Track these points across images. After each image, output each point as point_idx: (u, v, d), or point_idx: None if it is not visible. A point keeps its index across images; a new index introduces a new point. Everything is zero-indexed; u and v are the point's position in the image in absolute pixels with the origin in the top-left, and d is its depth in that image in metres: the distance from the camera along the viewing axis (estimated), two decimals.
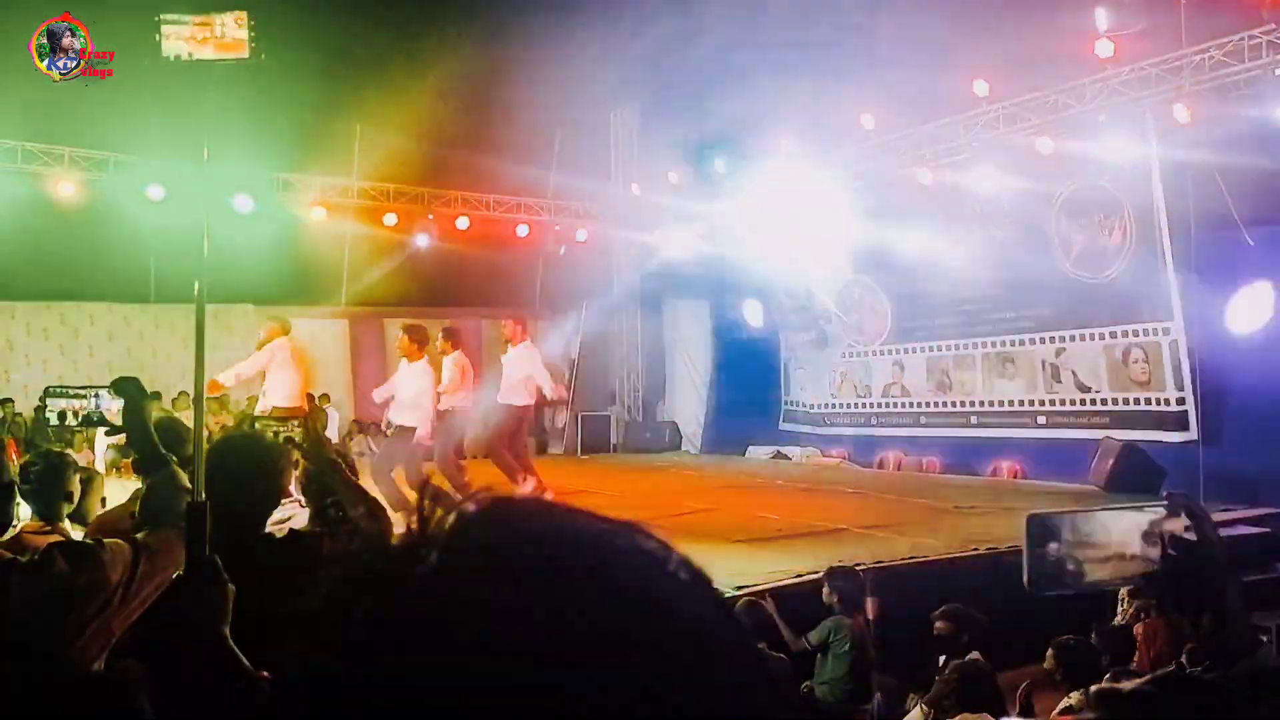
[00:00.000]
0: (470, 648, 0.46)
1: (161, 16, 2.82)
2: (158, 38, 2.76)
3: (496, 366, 10.23)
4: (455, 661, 0.45)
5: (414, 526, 0.54)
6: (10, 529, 2.58)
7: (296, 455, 3.08)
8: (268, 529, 2.86)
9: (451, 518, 0.54)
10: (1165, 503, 1.58)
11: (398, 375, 9.20)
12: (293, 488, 3.40)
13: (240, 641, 1.94)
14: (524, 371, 9.72)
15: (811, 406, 15.90)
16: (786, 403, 16.50)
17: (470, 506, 0.55)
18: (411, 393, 8.87)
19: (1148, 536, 1.51)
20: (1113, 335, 11.81)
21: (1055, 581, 1.49)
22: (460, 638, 0.46)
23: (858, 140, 13.65)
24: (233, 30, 2.87)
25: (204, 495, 2.24)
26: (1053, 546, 1.49)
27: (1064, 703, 4.51)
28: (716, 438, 16.61)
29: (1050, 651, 4.85)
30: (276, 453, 2.87)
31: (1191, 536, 1.52)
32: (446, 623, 0.47)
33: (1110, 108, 11.08)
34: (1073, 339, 12.29)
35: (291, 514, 3.87)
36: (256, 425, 3.18)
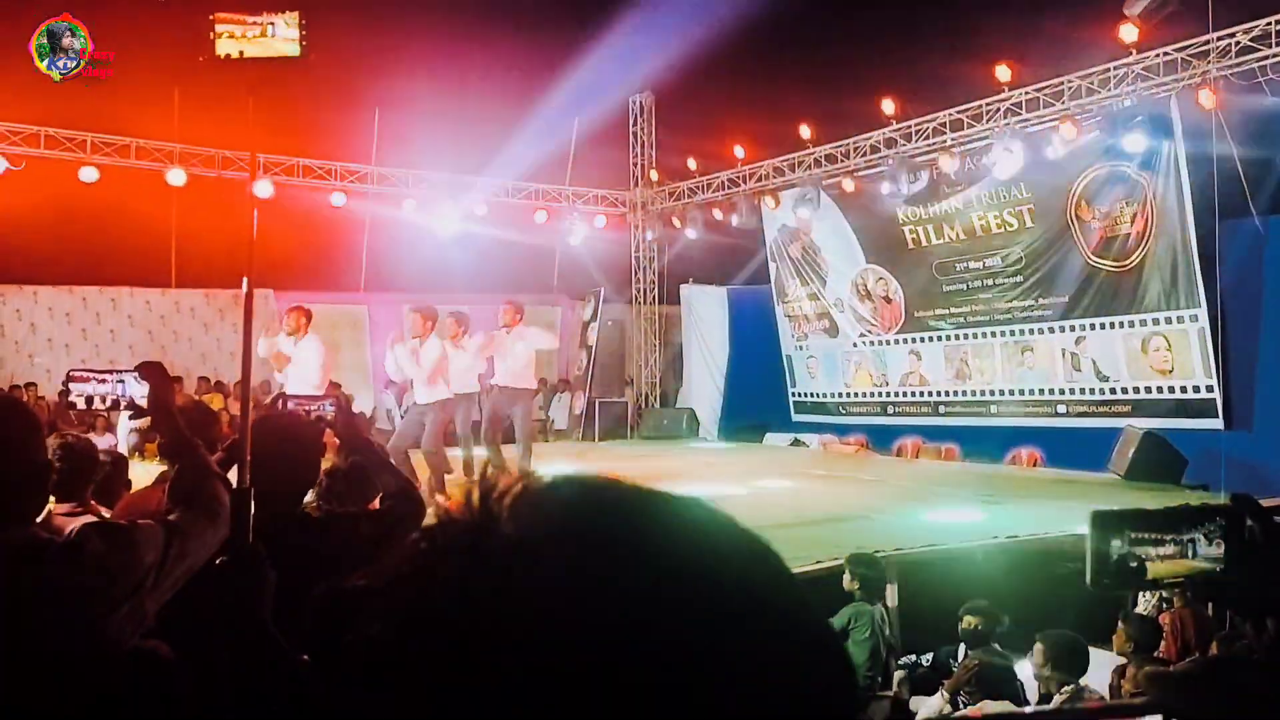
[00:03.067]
0: (554, 617, 0.46)
1: (216, 15, 2.84)
2: (213, 36, 2.77)
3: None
4: (541, 630, 0.46)
5: (476, 500, 0.55)
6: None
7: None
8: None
9: (517, 491, 0.54)
10: (1229, 502, 1.57)
11: (419, 353, 9.24)
12: None
13: (277, 621, 1.95)
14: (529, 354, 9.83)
15: (825, 396, 15.84)
16: (794, 395, 16.43)
17: (536, 480, 0.55)
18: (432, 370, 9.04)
19: (1210, 535, 1.50)
20: (1132, 324, 11.72)
21: (1118, 578, 1.47)
22: (543, 607, 0.47)
23: (877, 125, 13.57)
24: (283, 29, 2.89)
25: (247, 480, 2.26)
26: (1115, 543, 1.48)
27: (1057, 699, 4.45)
28: (733, 425, 16.59)
29: (1039, 646, 4.73)
30: (315, 432, 2.89)
31: (1256, 537, 1.51)
32: (529, 592, 0.47)
33: (1134, 93, 10.98)
34: (1092, 328, 12.20)
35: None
36: (289, 406, 3.18)
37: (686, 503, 0.55)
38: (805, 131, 14.51)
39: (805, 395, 16.23)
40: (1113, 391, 12.05)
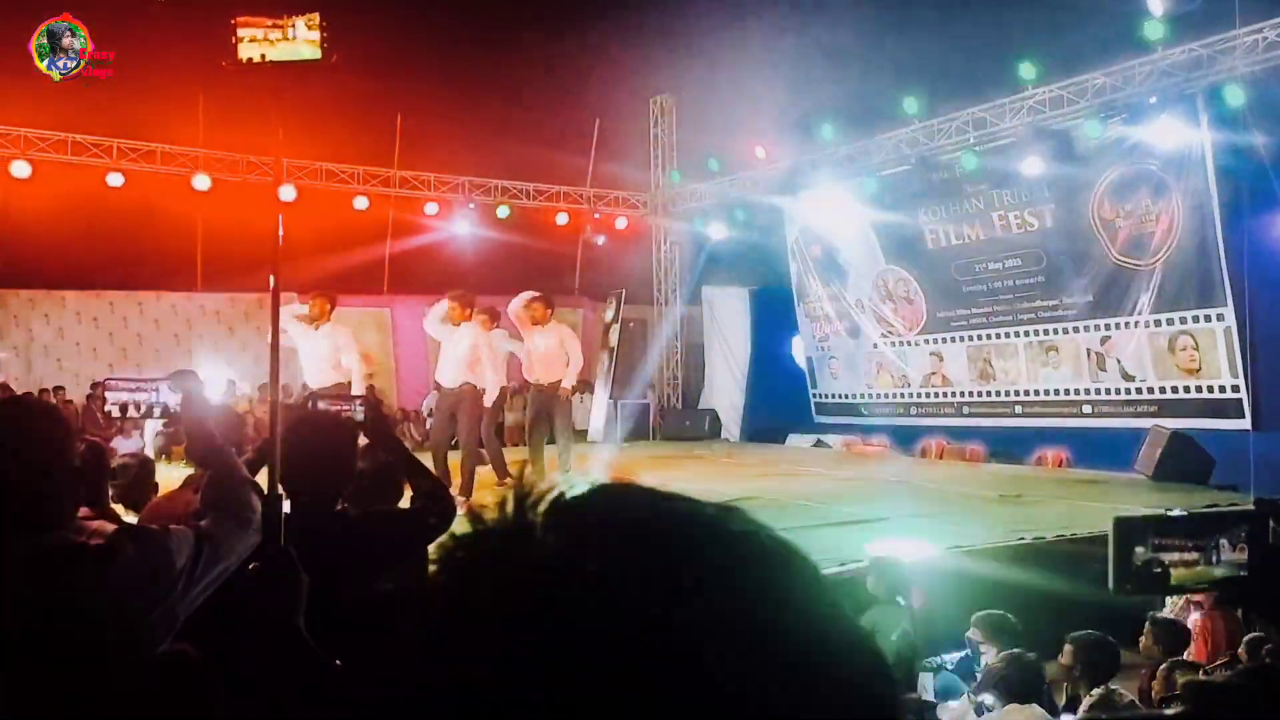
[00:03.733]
0: (593, 630, 0.46)
1: (237, 19, 2.86)
2: (234, 40, 2.79)
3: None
4: (580, 643, 0.46)
5: (511, 508, 0.55)
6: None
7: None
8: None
9: (554, 499, 0.54)
10: (1252, 507, 1.56)
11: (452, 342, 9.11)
12: None
13: (314, 622, 1.97)
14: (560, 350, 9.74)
15: (847, 397, 15.79)
16: (816, 396, 16.37)
17: (573, 488, 0.55)
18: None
19: (1234, 540, 1.48)
20: (1159, 323, 11.62)
21: (1141, 585, 1.44)
22: (582, 620, 0.47)
23: (899, 124, 13.51)
24: (304, 32, 2.90)
25: (278, 487, 2.28)
26: (1139, 550, 1.46)
27: (1086, 701, 4.45)
28: (756, 426, 16.55)
29: (1068, 647, 4.76)
30: (350, 432, 2.91)
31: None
32: (568, 605, 0.47)
33: (1160, 90, 10.88)
34: (1118, 327, 12.10)
35: None
36: (320, 405, 3.20)
37: (724, 513, 0.55)
38: (827, 131, 14.47)
39: (827, 396, 16.18)
40: (1138, 391, 11.95)
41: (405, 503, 3.50)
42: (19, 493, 1.94)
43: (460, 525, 0.60)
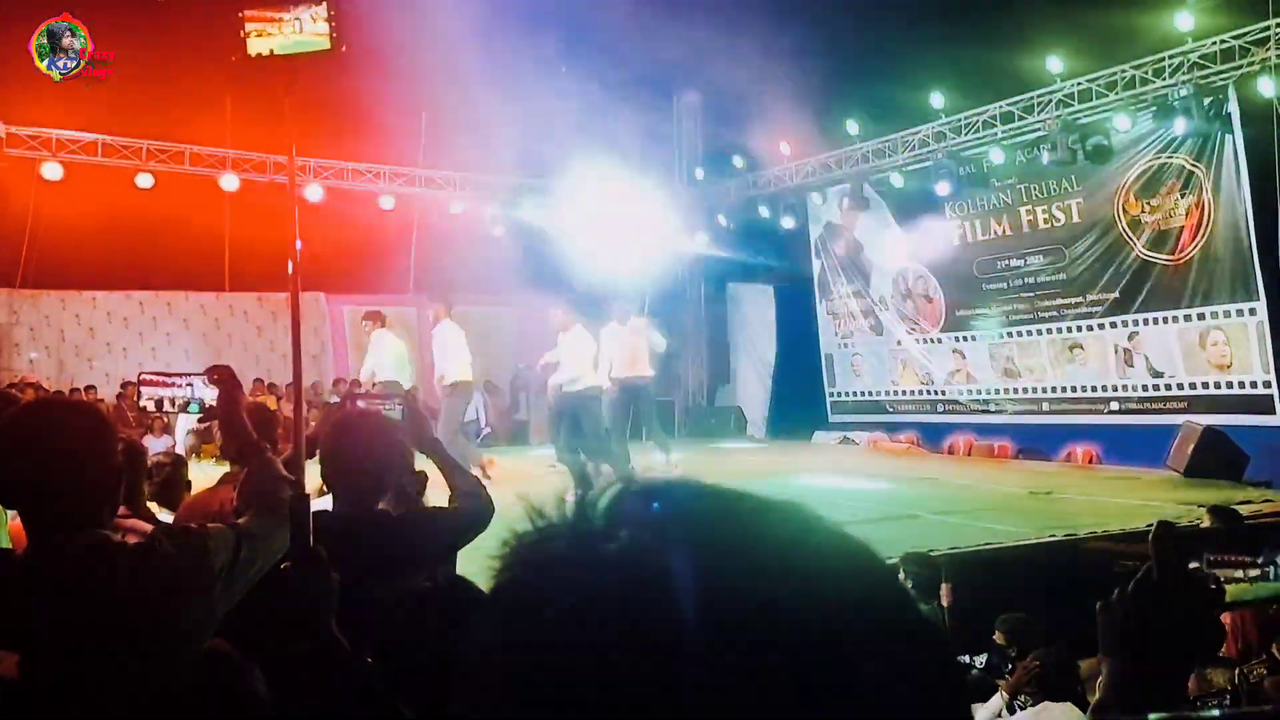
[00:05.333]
0: (666, 629, 0.46)
1: (245, 13, 2.86)
2: (243, 34, 2.79)
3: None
4: (653, 643, 0.46)
5: (574, 507, 0.54)
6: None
7: None
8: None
9: (617, 497, 0.54)
10: None
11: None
12: None
13: (351, 620, 1.97)
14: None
15: (873, 394, 15.70)
16: (833, 395, 16.30)
17: (634, 485, 0.55)
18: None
19: None
20: (1188, 319, 11.49)
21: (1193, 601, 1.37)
22: (655, 620, 0.46)
23: (925, 120, 13.44)
24: (311, 24, 2.90)
25: (304, 485, 2.29)
26: (1192, 565, 1.40)
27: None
28: (781, 423, 16.52)
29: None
30: (391, 429, 2.92)
31: None
32: (641, 605, 0.47)
33: (1190, 82, 10.75)
34: (1146, 323, 11.97)
35: None
36: (359, 404, 3.22)
37: (788, 508, 0.54)
38: (852, 127, 14.41)
39: (846, 394, 16.10)
40: (1167, 388, 11.82)
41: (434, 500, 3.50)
42: (61, 492, 1.95)
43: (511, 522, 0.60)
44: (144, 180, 13.94)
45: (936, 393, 14.70)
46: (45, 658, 1.83)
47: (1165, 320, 11.75)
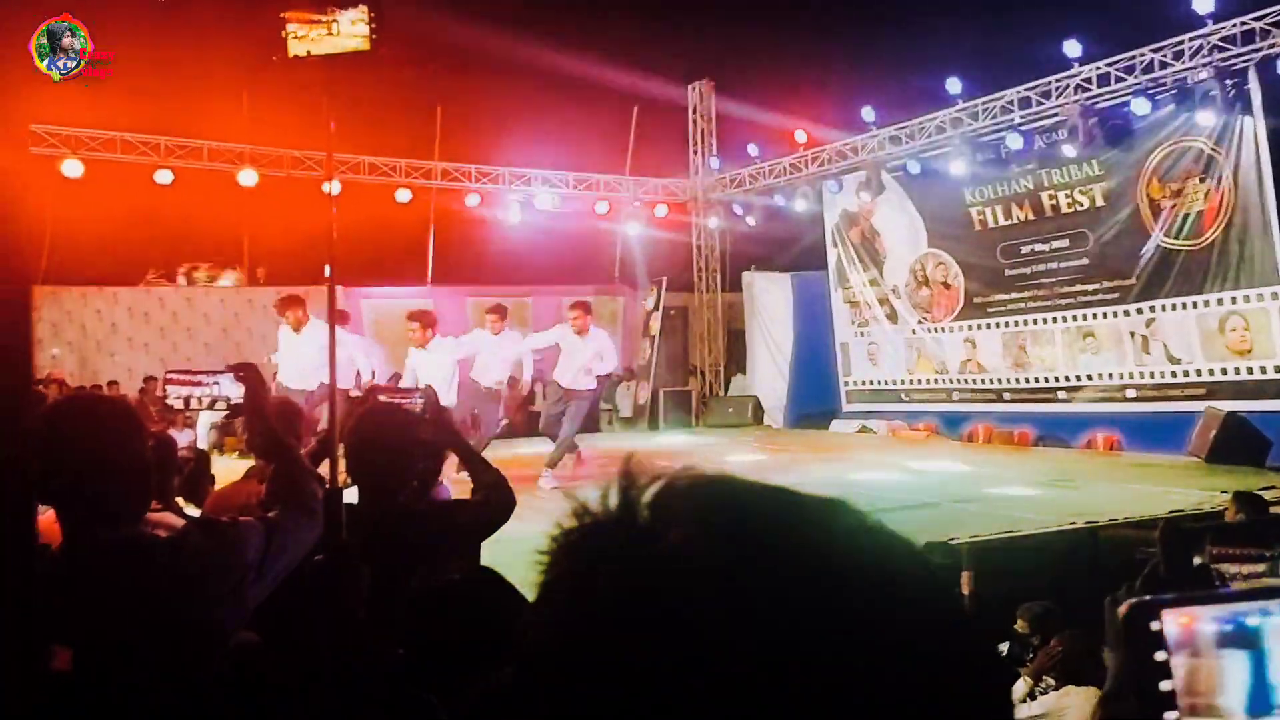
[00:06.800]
0: (724, 627, 0.46)
1: (285, 14, 2.88)
2: (284, 35, 2.82)
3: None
4: (710, 641, 0.46)
5: (618, 501, 0.55)
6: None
7: None
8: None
9: (658, 491, 0.55)
10: None
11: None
12: None
13: (378, 611, 2.00)
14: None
15: (890, 383, 15.64)
16: (848, 383, 16.25)
17: (679, 482, 0.55)
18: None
19: None
20: (1207, 304, 11.40)
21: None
22: (710, 618, 0.47)
23: (942, 105, 13.36)
24: (350, 25, 2.92)
25: (338, 481, 2.31)
26: (1196, 559, 1.40)
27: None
28: (799, 412, 16.49)
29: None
30: (413, 422, 2.96)
31: None
32: (703, 601, 0.47)
33: (1211, 65, 10.65)
34: (1164, 309, 11.87)
35: None
36: (381, 399, 3.25)
37: (834, 506, 0.55)
38: (868, 114, 14.35)
39: (862, 383, 16.05)
40: (1185, 374, 11.72)
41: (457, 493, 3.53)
42: (95, 487, 1.98)
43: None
44: (163, 176, 14.02)
45: (951, 381, 14.64)
46: (81, 652, 1.86)
47: (1184, 306, 11.65)
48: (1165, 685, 0.85)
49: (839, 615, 0.47)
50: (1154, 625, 0.86)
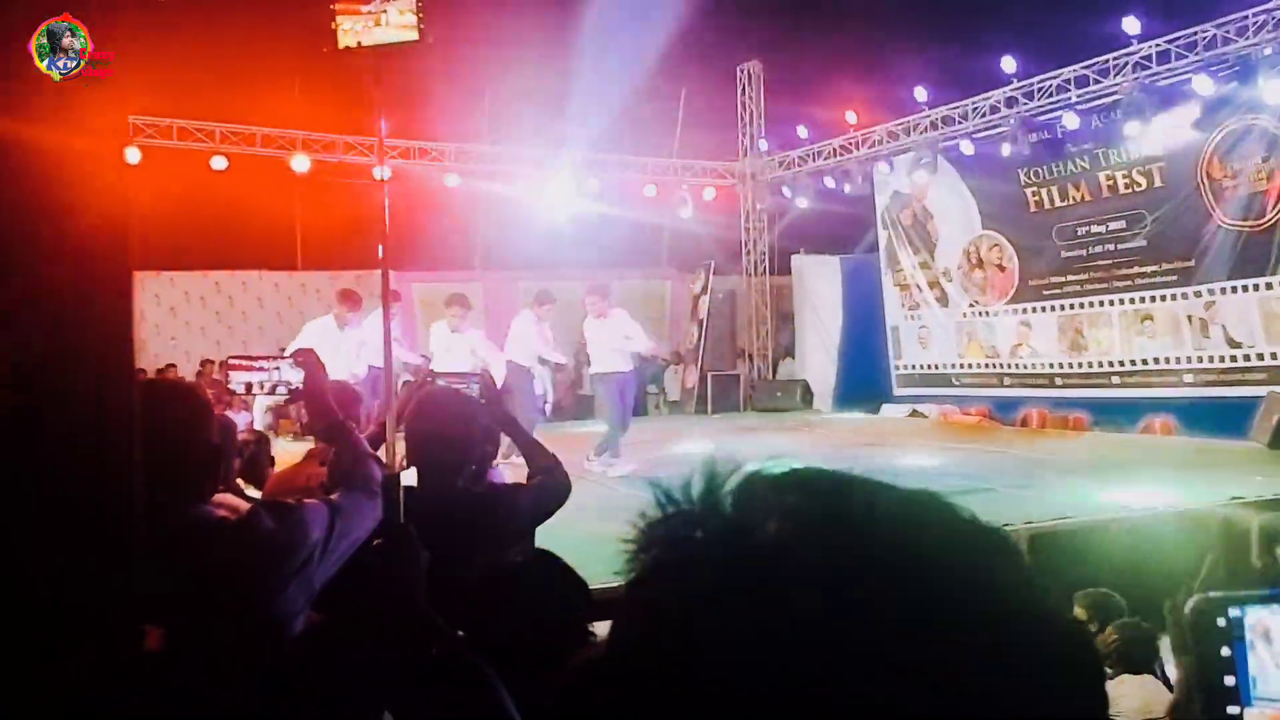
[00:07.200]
0: (842, 616, 0.46)
1: (335, 6, 2.91)
2: (334, 26, 2.86)
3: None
4: (821, 637, 0.46)
5: (701, 491, 0.54)
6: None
7: None
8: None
9: (743, 482, 0.54)
10: None
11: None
12: None
13: (438, 596, 2.02)
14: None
15: (940, 367, 15.47)
16: (899, 367, 16.09)
17: (765, 472, 0.55)
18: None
19: None
20: (1269, 286, 11.12)
21: None
22: (811, 612, 0.47)
23: (996, 84, 13.15)
24: (396, 16, 2.95)
25: (395, 466, 2.34)
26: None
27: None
28: (848, 396, 16.38)
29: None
30: (473, 406, 2.99)
31: None
32: (811, 590, 0.47)
33: (1275, 40, 10.36)
34: (1224, 291, 11.60)
35: None
36: (438, 383, 3.28)
37: (927, 500, 0.55)
38: (920, 93, 14.16)
39: (913, 367, 15.89)
40: (1245, 358, 11.45)
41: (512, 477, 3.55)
42: (163, 471, 2.02)
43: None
44: (218, 162, 14.24)
45: (1002, 366, 14.45)
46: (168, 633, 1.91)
47: (1245, 288, 11.38)
48: (1230, 680, 0.85)
49: (941, 610, 0.47)
50: (1220, 621, 0.86)
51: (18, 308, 1.18)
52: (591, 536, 2.51)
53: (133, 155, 13.65)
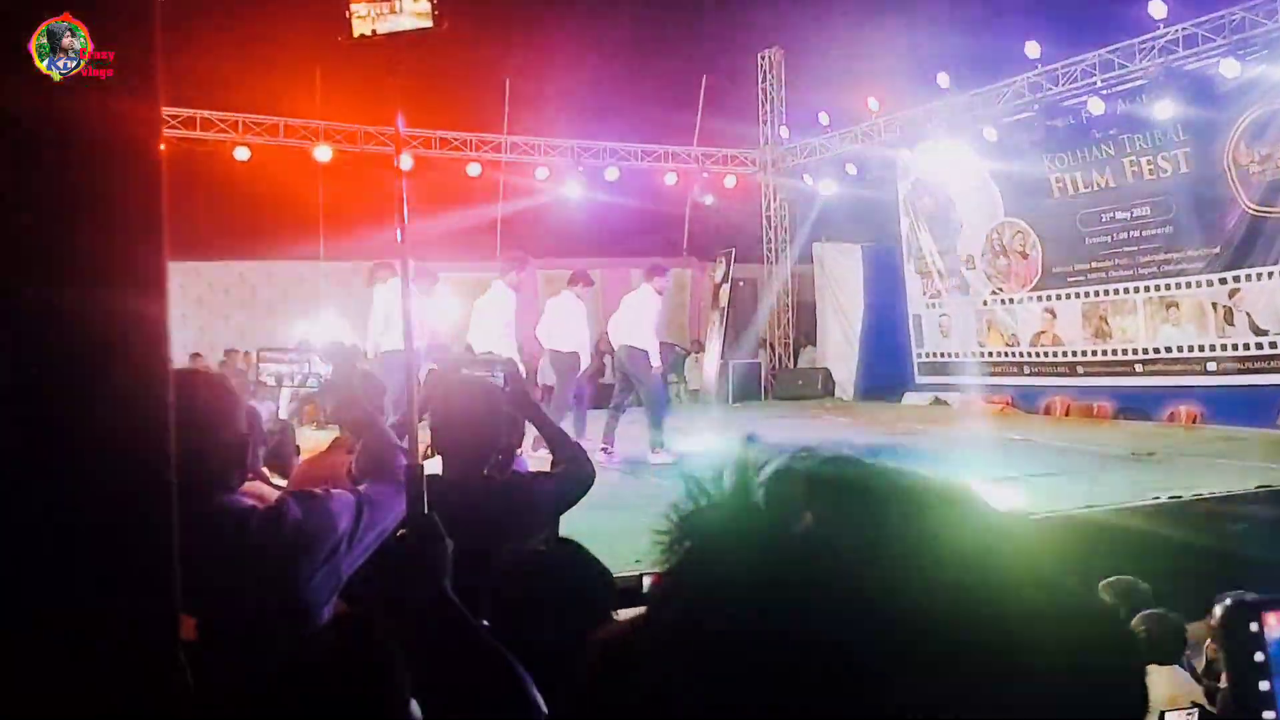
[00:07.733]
0: (870, 614, 0.47)
1: None
2: (348, 15, 2.86)
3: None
4: (857, 635, 0.47)
5: (737, 480, 0.55)
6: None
7: None
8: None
9: (776, 474, 0.55)
10: None
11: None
12: None
13: (463, 584, 2.04)
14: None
15: (961, 355, 15.38)
16: (920, 355, 16.00)
17: (797, 463, 0.56)
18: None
19: None
20: None
21: None
22: (849, 603, 0.47)
23: (1020, 70, 13.02)
24: (411, 3, 2.95)
25: (418, 453, 2.36)
26: None
27: None
28: (870, 384, 16.31)
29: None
30: (498, 395, 3.00)
31: None
32: (848, 582, 0.48)
33: None
34: (1249, 278, 11.47)
35: None
36: (463, 371, 3.30)
37: (960, 496, 0.55)
38: (943, 80, 14.04)
39: (934, 355, 15.81)
40: (1271, 345, 11.32)
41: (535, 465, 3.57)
42: (195, 460, 2.05)
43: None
44: (241, 153, 14.32)
45: (1023, 354, 14.35)
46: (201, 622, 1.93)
47: (1271, 275, 11.25)
48: (1264, 686, 0.85)
49: (975, 602, 0.48)
50: (1253, 626, 0.86)
51: (57, 302, 1.20)
52: (591, 529, 2.52)
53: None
